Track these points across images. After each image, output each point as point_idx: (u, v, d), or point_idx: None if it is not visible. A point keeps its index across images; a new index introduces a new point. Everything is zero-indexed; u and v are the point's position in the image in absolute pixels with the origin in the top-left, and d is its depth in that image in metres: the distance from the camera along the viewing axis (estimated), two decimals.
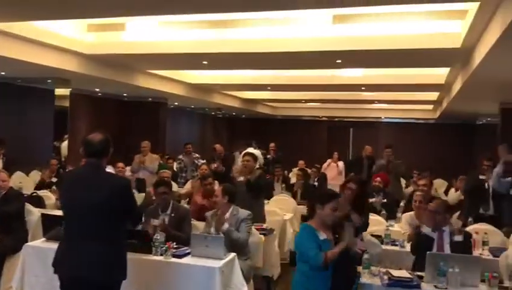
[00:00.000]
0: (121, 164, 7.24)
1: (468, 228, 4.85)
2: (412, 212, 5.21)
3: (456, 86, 8.36)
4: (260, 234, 4.91)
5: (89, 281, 2.92)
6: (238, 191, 5.11)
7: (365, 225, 4.38)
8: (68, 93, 10.35)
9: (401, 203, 6.98)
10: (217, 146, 9.21)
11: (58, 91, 9.94)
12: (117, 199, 2.96)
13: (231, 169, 8.44)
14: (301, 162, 10.78)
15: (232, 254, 3.94)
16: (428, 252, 3.61)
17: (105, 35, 7.32)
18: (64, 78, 8.47)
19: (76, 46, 7.19)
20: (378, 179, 6.92)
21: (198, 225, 4.80)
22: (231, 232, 4.29)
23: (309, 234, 3.42)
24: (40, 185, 7.35)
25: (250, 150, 10.76)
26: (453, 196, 7.89)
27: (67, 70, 7.50)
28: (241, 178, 5.58)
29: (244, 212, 4.53)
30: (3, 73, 8.15)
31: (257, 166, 6.06)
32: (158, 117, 11.94)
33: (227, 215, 4.48)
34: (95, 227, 2.94)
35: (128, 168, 8.06)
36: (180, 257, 3.84)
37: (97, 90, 10.77)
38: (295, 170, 10.74)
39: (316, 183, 8.64)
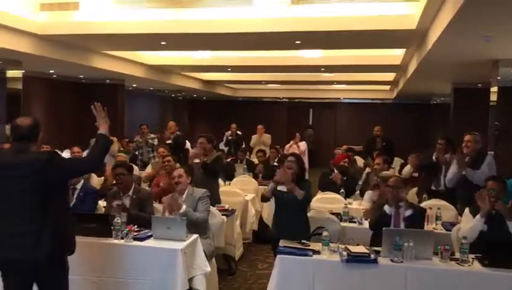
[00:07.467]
0: (76, 148, 7.05)
1: (423, 204, 5.05)
2: (375, 191, 5.35)
3: (412, 67, 8.58)
4: (222, 215, 4.95)
5: (19, 262, 2.84)
6: (194, 173, 5.09)
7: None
8: (21, 75, 9.97)
9: (359, 182, 7.14)
10: (171, 123, 9.18)
11: (10, 73, 9.54)
12: (42, 175, 2.83)
13: (183, 149, 8.48)
14: (260, 127, 11.12)
15: (195, 235, 3.96)
16: (384, 228, 3.74)
17: (59, 15, 7.05)
18: (15, 59, 8.14)
19: (27, 26, 6.88)
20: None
21: (160, 208, 4.77)
22: (189, 213, 4.28)
23: None
24: None
25: None
26: (406, 171, 8.13)
27: (18, 52, 7.17)
28: (197, 160, 5.50)
29: (199, 191, 4.54)
30: None
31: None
32: (116, 99, 11.62)
33: (184, 195, 4.48)
34: (19, 208, 2.85)
35: (85, 152, 7.89)
36: (141, 239, 3.83)
37: (52, 72, 10.40)
38: (254, 136, 11.13)
39: (276, 164, 8.71)
